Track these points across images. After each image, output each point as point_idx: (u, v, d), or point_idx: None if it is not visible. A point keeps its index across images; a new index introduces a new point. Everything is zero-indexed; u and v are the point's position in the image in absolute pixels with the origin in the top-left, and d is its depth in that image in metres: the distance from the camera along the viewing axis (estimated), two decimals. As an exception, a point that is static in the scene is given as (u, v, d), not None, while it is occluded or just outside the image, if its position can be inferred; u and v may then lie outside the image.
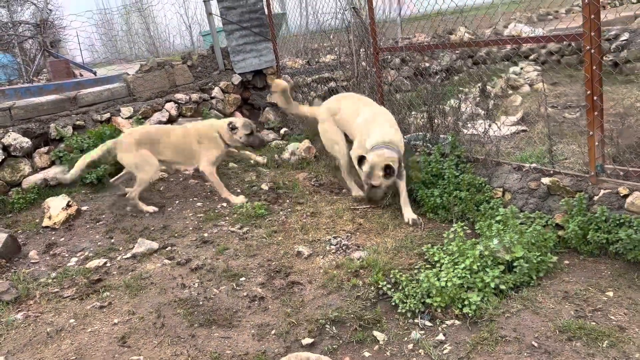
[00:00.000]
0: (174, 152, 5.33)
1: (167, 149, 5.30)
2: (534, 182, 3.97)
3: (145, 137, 5.25)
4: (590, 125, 3.50)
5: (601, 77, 3.41)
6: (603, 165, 3.59)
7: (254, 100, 8.26)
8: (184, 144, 5.34)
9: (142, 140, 5.21)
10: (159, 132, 5.39)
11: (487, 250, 3.34)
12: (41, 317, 3.49)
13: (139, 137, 5.22)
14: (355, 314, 3.13)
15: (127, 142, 5.18)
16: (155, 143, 5.25)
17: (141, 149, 5.17)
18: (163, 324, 3.26)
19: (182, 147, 5.34)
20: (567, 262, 3.45)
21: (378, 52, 5.54)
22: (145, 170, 5.16)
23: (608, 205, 3.42)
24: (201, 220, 4.99)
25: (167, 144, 5.29)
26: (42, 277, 4.12)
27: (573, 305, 2.96)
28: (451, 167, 4.47)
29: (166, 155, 5.31)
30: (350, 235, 4.30)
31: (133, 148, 5.15)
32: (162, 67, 7.46)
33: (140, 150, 5.16)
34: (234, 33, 7.79)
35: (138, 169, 5.16)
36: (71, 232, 5.01)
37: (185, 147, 5.34)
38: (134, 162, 5.16)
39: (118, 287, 3.80)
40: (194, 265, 4.01)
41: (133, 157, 5.15)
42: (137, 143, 5.17)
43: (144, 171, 5.16)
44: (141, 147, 5.18)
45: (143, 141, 5.21)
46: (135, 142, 5.17)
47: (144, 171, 5.16)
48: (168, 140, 5.31)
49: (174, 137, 5.35)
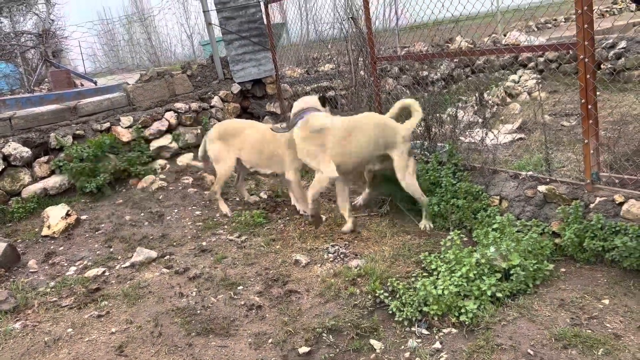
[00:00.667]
0: (253, 152, 5.10)
1: (246, 146, 5.11)
2: (531, 190, 3.99)
3: (223, 131, 5.19)
4: (586, 133, 3.52)
5: (595, 86, 3.44)
6: (599, 173, 3.60)
7: (254, 109, 8.30)
8: (266, 145, 5.03)
9: (222, 133, 5.17)
10: (240, 127, 5.23)
11: (483, 258, 3.35)
12: (39, 327, 3.50)
13: (222, 129, 5.20)
14: (352, 323, 3.13)
15: (211, 134, 5.21)
16: (232, 137, 5.13)
17: (220, 142, 5.14)
18: (160, 333, 3.26)
19: (263, 148, 5.05)
20: (564, 270, 3.45)
21: (376, 62, 5.57)
22: (220, 164, 5.16)
23: (604, 212, 3.43)
24: (200, 229, 5.01)
25: (245, 141, 5.11)
26: (40, 286, 4.13)
27: (569, 313, 2.96)
28: (448, 175, 4.48)
29: (245, 154, 5.13)
30: (348, 243, 4.31)
31: (215, 140, 5.16)
32: (161, 76, 7.51)
33: (219, 143, 5.14)
34: (233, 43, 7.85)
35: (217, 162, 5.18)
36: (70, 241, 5.03)
37: (269, 150, 5.02)
38: (213, 154, 5.17)
39: (116, 296, 3.81)
40: (192, 274, 4.02)
41: (212, 149, 5.17)
42: (218, 136, 5.15)
43: (219, 165, 5.17)
44: (221, 140, 5.15)
45: (223, 134, 5.16)
46: (217, 134, 5.16)
47: (219, 165, 5.17)
48: (246, 136, 5.11)
49: (255, 135, 5.10)
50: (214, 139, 5.16)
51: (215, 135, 5.15)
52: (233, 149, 5.10)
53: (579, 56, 3.40)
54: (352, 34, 6.35)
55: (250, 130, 5.13)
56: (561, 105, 7.90)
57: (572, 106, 7.72)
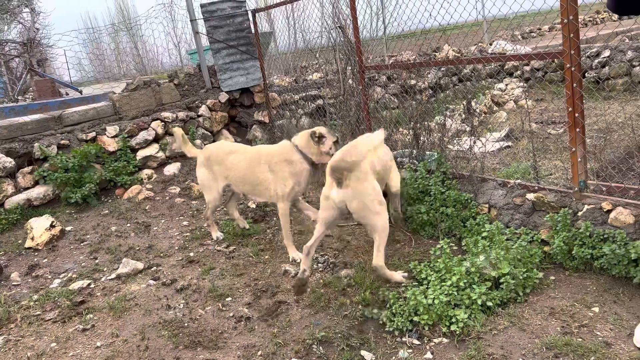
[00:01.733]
0: (240, 180, 4.52)
1: (232, 174, 4.55)
2: (519, 198, 4.00)
3: (207, 157, 4.67)
4: (573, 141, 3.54)
5: (582, 94, 3.46)
6: (586, 181, 3.62)
7: (241, 118, 8.27)
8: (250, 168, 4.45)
9: (206, 160, 4.67)
10: (224, 152, 4.62)
11: (473, 267, 3.34)
12: (22, 341, 3.42)
13: (208, 154, 4.69)
14: (342, 334, 3.10)
15: (198, 158, 4.77)
16: (217, 164, 4.60)
17: (205, 169, 4.67)
18: (147, 346, 3.20)
19: (248, 172, 4.46)
20: (553, 278, 3.45)
21: (364, 71, 5.58)
22: (207, 192, 4.73)
23: (592, 220, 3.44)
24: (187, 240, 4.95)
25: (231, 169, 4.54)
26: (24, 299, 4.04)
27: (559, 322, 2.96)
28: (437, 184, 4.48)
29: (233, 182, 4.57)
30: (338, 253, 4.28)
31: (200, 166, 4.72)
32: (148, 85, 7.46)
33: (203, 169, 4.68)
34: (221, 52, 7.83)
35: (203, 189, 4.79)
36: (55, 253, 4.93)
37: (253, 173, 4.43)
38: (199, 180, 4.77)
39: (102, 309, 3.73)
40: (179, 286, 3.96)
41: (198, 175, 4.76)
42: (204, 162, 4.68)
43: (206, 193, 4.75)
44: (206, 167, 4.67)
45: (206, 161, 4.67)
46: (202, 160, 4.70)
47: (206, 193, 4.75)
48: (231, 163, 4.54)
49: (242, 159, 4.51)
50: (199, 164, 4.73)
51: (201, 161, 4.70)
52: (220, 177, 4.60)
53: (565, 65, 3.43)
54: (340, 42, 6.35)
55: (235, 156, 4.52)
56: (547, 113, 7.98)
57: (558, 114, 7.81)
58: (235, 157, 4.50)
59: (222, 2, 7.80)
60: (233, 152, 4.56)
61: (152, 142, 6.96)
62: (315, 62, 10.57)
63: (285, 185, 4.20)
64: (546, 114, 7.93)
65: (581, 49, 3.44)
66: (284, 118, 8.12)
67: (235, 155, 4.52)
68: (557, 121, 7.45)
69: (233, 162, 4.49)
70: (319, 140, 4.19)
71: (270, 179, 4.26)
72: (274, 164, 4.25)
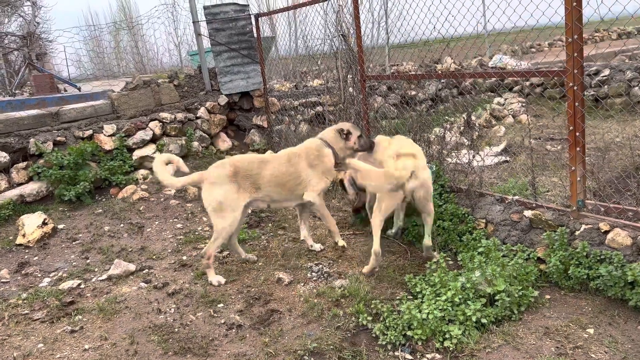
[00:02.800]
0: (278, 184, 4.19)
1: (269, 181, 4.15)
2: (517, 215, 3.98)
3: (239, 169, 4.07)
4: (573, 160, 3.53)
5: (583, 113, 3.46)
6: (584, 201, 3.61)
7: (240, 121, 8.24)
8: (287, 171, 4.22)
9: (239, 172, 4.05)
10: (256, 161, 4.21)
11: (469, 283, 3.31)
12: (8, 341, 3.36)
13: (234, 169, 4.04)
14: (335, 346, 3.06)
15: (215, 174, 4.02)
16: (251, 175, 4.10)
17: (229, 185, 3.99)
18: (136, 351, 3.15)
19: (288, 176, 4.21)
20: (549, 297, 3.43)
21: (365, 80, 5.57)
22: (227, 215, 3.97)
23: (589, 240, 3.43)
24: (181, 243, 4.90)
25: (269, 175, 4.15)
26: (12, 297, 3.98)
27: (554, 342, 2.93)
28: (435, 197, 4.46)
29: (267, 191, 4.16)
30: (332, 262, 4.25)
31: (225, 182, 3.99)
32: (148, 85, 7.42)
33: (228, 186, 3.99)
34: (222, 54, 7.81)
35: (219, 211, 3.95)
36: (45, 251, 4.87)
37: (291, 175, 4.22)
38: (214, 201, 3.94)
39: (91, 311, 3.68)
40: (171, 290, 3.91)
41: (215, 195, 3.95)
42: (233, 176, 4.01)
43: (225, 216, 3.97)
44: (235, 181, 4.02)
45: (240, 174, 4.05)
46: (231, 174, 4.01)
47: (225, 216, 3.97)
48: (269, 169, 4.16)
49: (278, 164, 4.22)
50: (217, 183, 3.96)
51: (223, 178, 3.97)
52: (246, 192, 4.04)
53: (567, 83, 3.42)
54: (342, 50, 6.34)
55: (269, 164, 4.19)
56: (545, 129, 7.99)
57: (556, 130, 7.83)
58: (270, 165, 4.16)
59: (225, 5, 7.80)
60: (265, 161, 4.21)
61: (149, 142, 6.91)
62: (316, 69, 10.57)
63: (323, 180, 4.30)
64: (544, 130, 7.95)
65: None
66: (283, 123, 8.10)
67: (268, 163, 4.18)
68: (555, 138, 7.46)
69: (270, 170, 4.12)
70: (346, 136, 4.39)
71: (311, 175, 4.25)
72: (313, 159, 4.27)
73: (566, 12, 3.34)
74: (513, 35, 6.06)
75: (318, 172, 4.27)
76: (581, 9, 3.30)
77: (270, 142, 7.91)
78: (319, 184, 4.28)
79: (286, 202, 4.34)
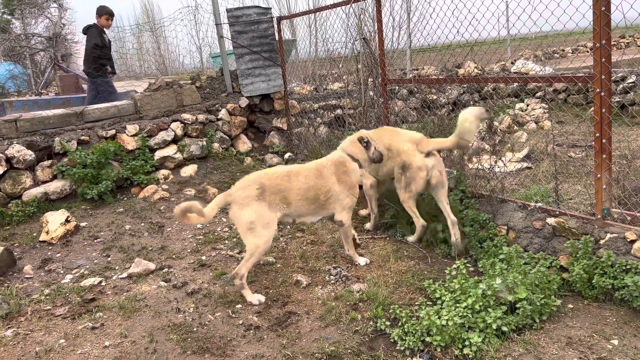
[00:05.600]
0: (308, 198, 3.98)
1: (299, 195, 3.95)
2: (539, 222, 3.92)
3: (265, 185, 3.85)
4: (598, 167, 3.46)
5: (610, 120, 3.39)
6: (610, 209, 3.54)
7: (260, 123, 8.28)
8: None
9: (265, 189, 3.84)
10: (282, 175, 3.98)
11: (489, 290, 3.27)
12: (31, 336, 3.41)
13: (259, 186, 3.83)
14: (352, 350, 3.05)
15: (243, 194, 3.79)
16: (279, 190, 3.90)
17: (261, 203, 3.79)
18: (155, 349, 3.17)
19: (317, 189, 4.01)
20: (571, 306, 3.37)
21: (386, 83, 5.55)
22: (266, 232, 3.78)
23: (614, 249, 3.36)
24: (200, 243, 4.93)
25: (297, 189, 3.95)
26: (35, 293, 4.05)
27: (577, 352, 2.87)
28: (455, 202, 4.42)
29: (297, 205, 3.96)
30: (351, 266, 4.23)
31: (254, 200, 3.78)
32: (170, 86, 7.50)
33: (262, 204, 3.79)
34: (244, 57, 7.86)
35: (253, 230, 3.74)
36: (68, 248, 4.95)
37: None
38: (248, 220, 3.73)
39: (112, 308, 3.72)
40: (190, 289, 3.94)
41: (249, 214, 3.73)
42: (260, 194, 3.80)
43: (262, 233, 3.77)
44: (263, 198, 3.81)
45: (267, 190, 3.84)
46: (257, 193, 3.80)
47: (262, 233, 3.77)
48: (297, 182, 3.96)
49: (306, 176, 4.01)
50: (246, 203, 3.75)
51: (251, 197, 3.76)
52: (277, 208, 3.86)
53: (595, 90, 3.36)
54: (363, 54, 6.33)
55: (297, 176, 3.98)
56: (568, 136, 7.86)
57: (580, 137, 7.70)
58: (299, 177, 3.96)
59: (248, 8, 7.85)
60: (293, 173, 3.99)
61: (171, 143, 6.99)
62: (335, 72, 10.57)
63: (350, 198, 4.11)
64: (567, 137, 7.82)
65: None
66: (302, 126, 8.12)
67: (297, 175, 3.98)
68: (578, 144, 7.34)
69: (299, 184, 3.94)
70: (367, 145, 4.21)
71: (340, 189, 4.06)
72: (341, 175, 4.07)
73: (594, 17, 3.28)
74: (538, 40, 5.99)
75: (346, 189, 4.09)
76: (610, 13, 3.24)
77: (290, 145, 7.93)
78: (348, 203, 4.11)
79: (314, 217, 4.12)
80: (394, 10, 9.49)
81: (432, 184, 4.35)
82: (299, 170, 4.04)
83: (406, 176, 4.38)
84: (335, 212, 4.09)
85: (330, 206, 4.07)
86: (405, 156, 4.38)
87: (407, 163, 4.36)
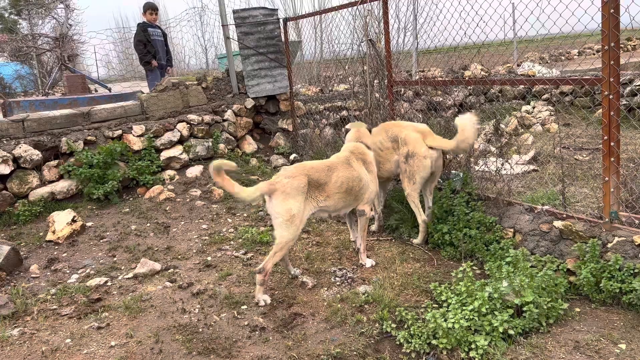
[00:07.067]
0: (345, 191, 3.97)
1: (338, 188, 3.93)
2: (546, 225, 3.90)
3: (311, 179, 3.81)
4: (606, 171, 3.45)
5: (619, 123, 3.37)
6: (618, 212, 3.52)
7: (266, 124, 8.29)
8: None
9: (311, 182, 3.80)
10: (323, 168, 3.94)
11: (496, 293, 3.25)
12: (37, 335, 3.42)
13: (305, 178, 3.77)
14: (358, 352, 3.04)
15: (287, 185, 3.68)
16: (322, 184, 3.87)
17: (301, 198, 3.72)
18: (161, 349, 3.17)
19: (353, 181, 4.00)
20: (578, 310, 3.34)
21: (392, 85, 5.54)
22: (296, 226, 3.70)
23: (622, 253, 3.34)
24: (205, 243, 4.94)
25: (338, 182, 3.92)
26: (41, 292, 4.07)
27: (584, 356, 2.85)
28: (462, 204, 4.41)
29: (336, 199, 3.95)
30: (356, 267, 4.22)
31: (298, 193, 3.71)
32: (176, 87, 7.52)
33: (300, 199, 3.71)
34: (250, 58, 7.87)
35: (287, 224, 3.66)
36: (74, 248, 4.97)
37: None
38: (287, 214, 3.64)
39: (117, 308, 3.73)
40: (195, 290, 3.94)
41: (287, 208, 3.65)
42: (304, 187, 3.74)
43: (293, 227, 3.68)
44: (304, 192, 3.76)
45: (311, 184, 3.81)
46: (303, 184, 3.73)
47: (293, 227, 3.68)
48: (338, 176, 3.93)
49: (344, 169, 4.00)
50: (291, 194, 3.66)
51: (296, 190, 3.68)
52: (313, 203, 3.83)
53: (603, 92, 3.35)
54: (369, 55, 6.32)
55: (336, 170, 3.95)
56: (575, 139, 7.83)
57: (587, 140, 7.66)
58: (337, 170, 3.94)
59: (254, 9, 7.87)
60: (332, 167, 3.96)
61: (177, 144, 7.00)
62: (340, 73, 10.56)
63: (376, 185, 4.22)
64: (575, 140, 7.79)
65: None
66: (308, 127, 8.12)
67: (335, 169, 3.95)
68: (585, 147, 7.30)
69: (336, 177, 3.91)
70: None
71: (369, 178, 4.11)
72: (368, 164, 4.15)
73: (603, 19, 3.27)
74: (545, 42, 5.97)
75: (373, 176, 4.16)
76: (619, 16, 3.22)
77: (295, 146, 7.94)
78: (374, 190, 4.19)
79: (347, 209, 4.11)
80: (400, 12, 9.47)
81: (435, 175, 4.51)
82: (335, 164, 4.01)
83: (410, 165, 4.42)
84: (361, 201, 4.13)
85: (362, 196, 4.10)
86: (411, 145, 4.43)
87: (412, 152, 4.41)
